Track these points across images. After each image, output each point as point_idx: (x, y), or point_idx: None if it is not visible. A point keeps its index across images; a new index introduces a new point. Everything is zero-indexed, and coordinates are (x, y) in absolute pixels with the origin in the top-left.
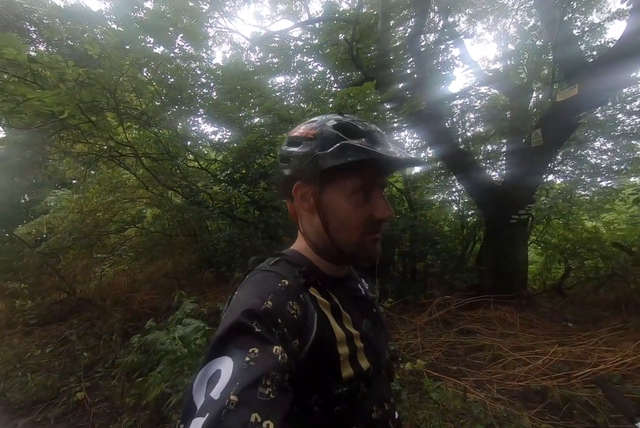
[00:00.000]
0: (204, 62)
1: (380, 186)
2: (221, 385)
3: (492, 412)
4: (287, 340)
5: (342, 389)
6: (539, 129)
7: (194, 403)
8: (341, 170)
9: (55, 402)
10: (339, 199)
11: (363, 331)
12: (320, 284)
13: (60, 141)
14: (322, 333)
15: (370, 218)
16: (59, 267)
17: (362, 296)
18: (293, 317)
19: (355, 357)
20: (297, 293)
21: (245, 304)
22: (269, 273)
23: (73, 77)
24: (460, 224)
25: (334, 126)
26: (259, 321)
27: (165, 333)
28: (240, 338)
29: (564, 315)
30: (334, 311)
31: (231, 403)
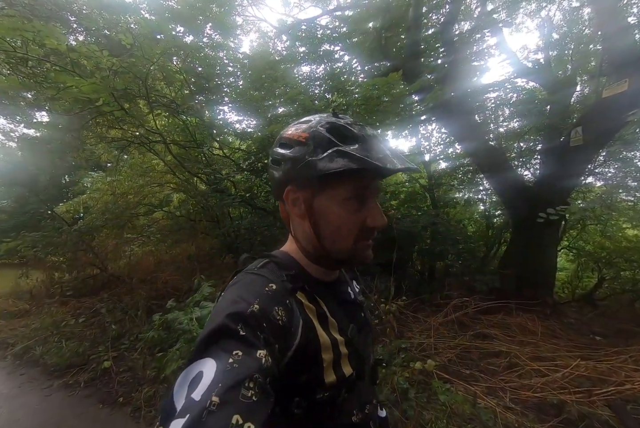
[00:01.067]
0: (231, 51)
1: (373, 192)
2: (203, 386)
3: (502, 420)
4: (272, 345)
5: (324, 394)
6: (579, 127)
7: (174, 405)
8: (333, 176)
9: (85, 367)
10: (331, 206)
11: (348, 337)
12: (308, 289)
13: (96, 127)
14: (306, 339)
15: (363, 225)
16: (93, 245)
17: (350, 300)
18: (278, 323)
19: (338, 363)
20: (284, 298)
21: (231, 307)
22: (256, 276)
23: (108, 66)
24: (486, 224)
25: (327, 130)
26: (244, 324)
27: (184, 313)
28: (224, 340)
29: (592, 327)
30: (320, 316)
31: (212, 405)
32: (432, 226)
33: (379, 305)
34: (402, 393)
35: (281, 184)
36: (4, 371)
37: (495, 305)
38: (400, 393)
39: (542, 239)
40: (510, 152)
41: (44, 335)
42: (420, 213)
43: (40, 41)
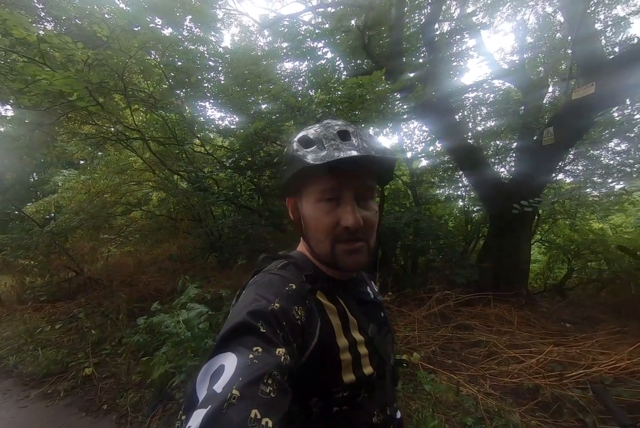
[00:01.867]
0: (211, 45)
1: (351, 191)
2: (224, 379)
3: (483, 406)
4: (290, 343)
5: (343, 393)
6: (551, 127)
7: (197, 396)
8: (303, 180)
9: (64, 375)
10: (308, 209)
11: (369, 337)
12: (327, 288)
13: (68, 122)
14: (324, 340)
15: (335, 226)
16: (67, 246)
17: (370, 300)
18: (297, 322)
19: (358, 363)
20: (303, 298)
21: (252, 305)
22: (276, 276)
23: (82, 59)
24: (465, 220)
25: (298, 139)
26: (264, 322)
27: (170, 316)
28: (245, 337)
29: (563, 315)
30: (341, 315)
31: (233, 397)
32: (415, 222)
33: None
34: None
35: (283, 194)
36: None
37: (474, 297)
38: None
39: (517, 234)
40: (487, 150)
41: (17, 343)
42: (403, 209)
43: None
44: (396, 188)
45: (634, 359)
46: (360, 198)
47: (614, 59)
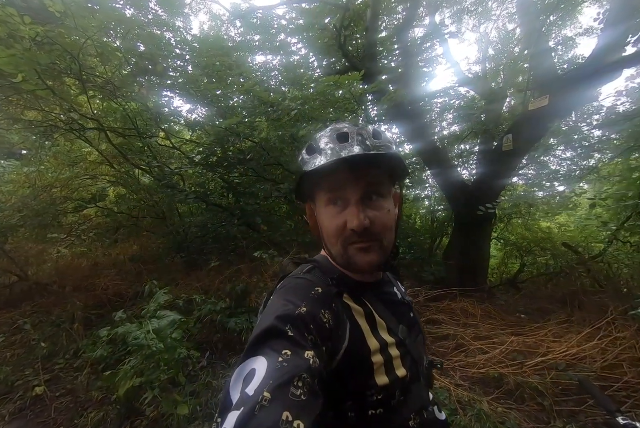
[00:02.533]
0: (178, 32)
1: (357, 194)
2: (255, 382)
3: (455, 397)
4: (319, 346)
5: (377, 396)
6: (510, 134)
7: (230, 398)
8: (314, 186)
9: (9, 396)
10: (320, 213)
11: (399, 338)
12: (352, 291)
13: (8, 107)
14: (354, 343)
15: (343, 228)
16: (7, 248)
17: (397, 301)
18: (325, 325)
19: (390, 365)
20: (330, 302)
21: (280, 309)
22: (303, 280)
23: (30, 36)
24: (431, 218)
25: (307, 146)
26: (292, 326)
27: (138, 326)
28: (274, 340)
29: (518, 307)
30: (368, 318)
31: (264, 400)
32: None
33: None
34: None
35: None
36: None
37: (441, 292)
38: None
39: (478, 232)
40: (452, 153)
41: None
42: None
43: None
44: None
45: (581, 346)
46: (368, 197)
47: (564, 75)
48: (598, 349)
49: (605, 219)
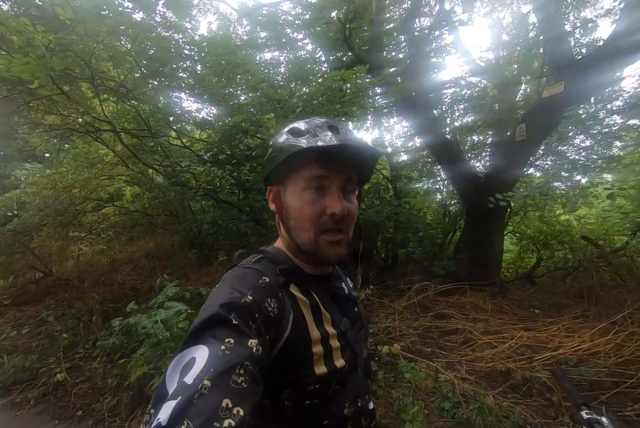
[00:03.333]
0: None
1: (337, 182)
2: (195, 371)
3: (460, 390)
4: (263, 335)
5: (315, 386)
6: (523, 123)
7: (166, 389)
8: (292, 169)
9: (34, 382)
10: (292, 198)
11: (341, 330)
12: (301, 282)
13: (30, 112)
14: (296, 333)
15: (321, 214)
16: (32, 246)
17: (344, 296)
18: (270, 314)
19: (330, 356)
20: (276, 291)
21: (225, 297)
22: (250, 270)
23: (43, 44)
24: (443, 212)
25: (288, 130)
26: (237, 314)
27: (147, 316)
28: (217, 329)
29: (532, 302)
30: (314, 309)
31: (204, 388)
32: (395, 215)
33: None
34: (372, 375)
35: (265, 185)
36: None
37: (451, 287)
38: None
39: (490, 226)
40: (464, 145)
41: None
42: (384, 203)
43: None
44: (377, 182)
45: (595, 341)
46: (343, 190)
47: (582, 59)
48: (613, 344)
49: (627, 210)
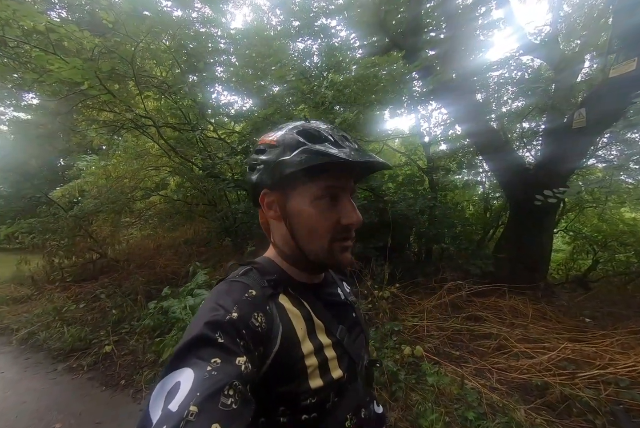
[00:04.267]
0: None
1: (347, 191)
2: (180, 396)
3: (487, 400)
4: (251, 351)
5: (311, 400)
6: (583, 108)
7: (150, 418)
8: (304, 176)
9: (88, 351)
10: (304, 206)
11: (336, 339)
12: (291, 292)
13: (86, 110)
14: (287, 347)
15: (336, 224)
16: (91, 230)
17: (340, 302)
18: (257, 329)
19: (326, 367)
20: (264, 304)
21: (209, 315)
22: (237, 283)
23: (90, 47)
24: (484, 207)
25: (298, 132)
26: (222, 332)
27: (178, 301)
28: (202, 349)
29: (583, 309)
30: (305, 320)
31: (190, 414)
32: (429, 209)
33: (373, 291)
34: (392, 375)
35: (257, 189)
36: (10, 356)
37: (488, 288)
38: (391, 375)
39: (538, 223)
40: (512, 134)
41: (47, 320)
42: (417, 196)
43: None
44: (411, 174)
45: None
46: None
47: None
48: None
49: None
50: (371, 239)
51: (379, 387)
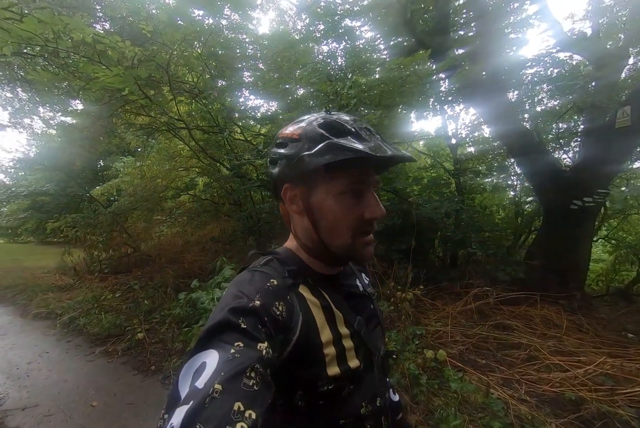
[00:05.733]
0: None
1: (370, 185)
2: (206, 375)
3: (514, 412)
4: (272, 338)
5: (328, 387)
6: (628, 106)
7: (179, 393)
8: (328, 170)
9: (122, 337)
10: (327, 200)
11: (354, 329)
12: (311, 282)
13: (125, 114)
14: (306, 335)
15: (360, 218)
16: (126, 226)
17: (358, 293)
18: (278, 317)
19: (343, 356)
20: (285, 294)
21: (233, 302)
22: (258, 273)
23: (131, 56)
24: (515, 211)
25: (320, 125)
26: (245, 318)
27: (206, 293)
28: (226, 333)
29: (625, 324)
30: (325, 310)
31: (215, 392)
32: (455, 213)
33: (396, 293)
34: (414, 379)
35: (279, 183)
36: (54, 338)
37: (518, 295)
38: (412, 378)
39: (575, 229)
40: (547, 134)
41: (87, 307)
42: (443, 199)
43: (68, 34)
44: (437, 176)
45: None
46: None
47: None
48: None
49: None
50: (394, 242)
51: (401, 389)
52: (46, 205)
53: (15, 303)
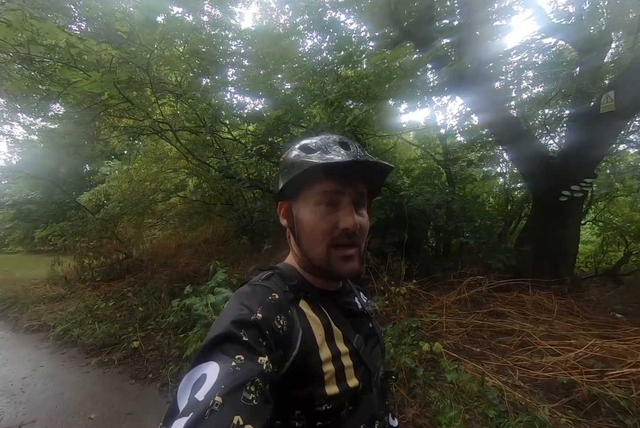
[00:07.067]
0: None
1: (348, 195)
2: (206, 387)
3: (509, 398)
4: (273, 352)
5: (326, 406)
6: (611, 91)
7: (177, 405)
8: (305, 185)
9: (117, 346)
10: (304, 213)
11: (353, 347)
12: (310, 298)
13: (108, 117)
14: (305, 351)
15: (334, 228)
16: (116, 231)
17: (357, 311)
18: (279, 332)
19: (342, 375)
20: (286, 308)
21: (236, 314)
22: (260, 287)
23: (108, 59)
24: (505, 198)
25: (299, 147)
26: (247, 331)
27: (200, 299)
28: (227, 345)
29: (614, 304)
30: (324, 326)
31: (215, 404)
32: (446, 203)
33: (390, 287)
34: (410, 372)
35: (277, 201)
36: (48, 351)
37: (510, 282)
38: (408, 371)
39: (564, 214)
40: (534, 121)
41: (80, 317)
42: (435, 190)
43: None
44: (428, 167)
45: None
46: (355, 204)
47: None
48: None
49: None
50: (387, 235)
51: (397, 383)
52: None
53: (6, 317)
